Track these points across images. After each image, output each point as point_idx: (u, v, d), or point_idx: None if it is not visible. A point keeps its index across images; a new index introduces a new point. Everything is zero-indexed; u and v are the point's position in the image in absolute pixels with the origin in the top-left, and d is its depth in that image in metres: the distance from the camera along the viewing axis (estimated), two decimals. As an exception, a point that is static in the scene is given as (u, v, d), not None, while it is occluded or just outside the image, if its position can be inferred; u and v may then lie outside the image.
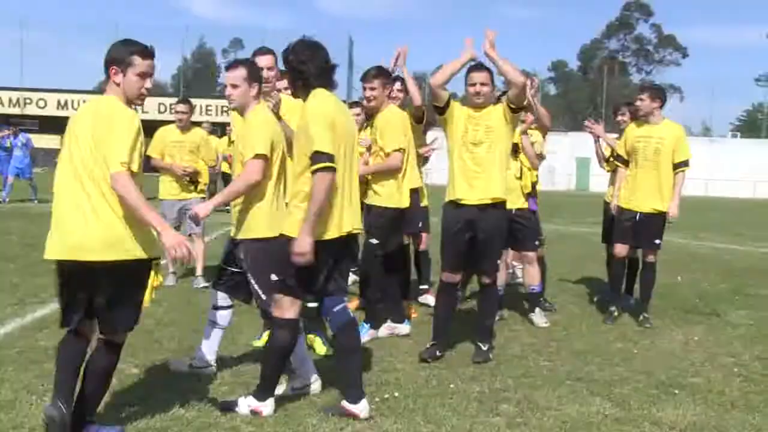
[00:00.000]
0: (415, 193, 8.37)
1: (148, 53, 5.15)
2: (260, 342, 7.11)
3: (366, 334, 7.72)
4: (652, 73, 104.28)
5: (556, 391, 6.37)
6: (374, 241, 7.87)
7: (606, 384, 6.64)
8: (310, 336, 7.26)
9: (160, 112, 55.92)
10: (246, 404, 5.70)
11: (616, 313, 9.31)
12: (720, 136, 73.74)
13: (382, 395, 6.09)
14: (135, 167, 4.76)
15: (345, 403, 5.64)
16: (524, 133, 8.76)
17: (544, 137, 9.55)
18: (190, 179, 10.45)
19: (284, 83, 6.69)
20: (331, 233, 5.55)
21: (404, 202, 7.94)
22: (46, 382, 5.81)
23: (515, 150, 8.68)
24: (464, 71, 7.20)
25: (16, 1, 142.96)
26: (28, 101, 56.95)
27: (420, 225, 9.16)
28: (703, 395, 6.44)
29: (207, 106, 55.11)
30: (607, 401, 6.17)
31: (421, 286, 9.80)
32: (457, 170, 7.19)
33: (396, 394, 6.12)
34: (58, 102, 57.46)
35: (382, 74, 7.93)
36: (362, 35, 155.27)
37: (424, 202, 9.25)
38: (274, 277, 5.69)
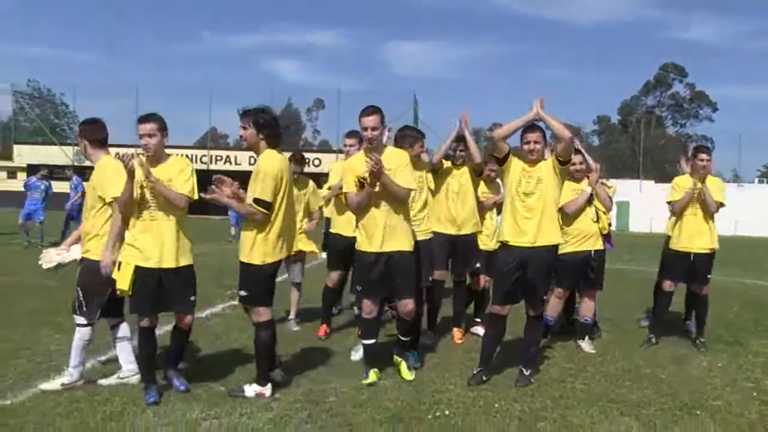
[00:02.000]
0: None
1: (140, 119, 6.41)
2: (368, 380, 7.08)
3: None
4: (686, 126, 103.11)
5: (590, 411, 6.33)
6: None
7: (635, 405, 6.57)
8: (397, 359, 7.38)
9: (250, 164, 56.82)
10: (252, 390, 6.50)
11: (654, 341, 9.30)
12: (748, 182, 72.39)
13: (434, 413, 6.12)
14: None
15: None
16: (596, 181, 8.82)
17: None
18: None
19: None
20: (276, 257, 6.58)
21: None
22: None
23: (591, 197, 8.72)
24: (520, 130, 7.22)
25: (131, 74, 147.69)
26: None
27: (478, 266, 9.17)
28: (722, 416, 6.35)
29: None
30: (635, 421, 6.12)
31: (476, 319, 9.78)
32: (510, 215, 7.21)
33: (447, 412, 6.15)
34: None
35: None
36: (425, 94, 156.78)
37: (492, 245, 9.08)
38: (243, 292, 6.60)
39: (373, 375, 7.12)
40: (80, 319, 6.62)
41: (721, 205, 9.09)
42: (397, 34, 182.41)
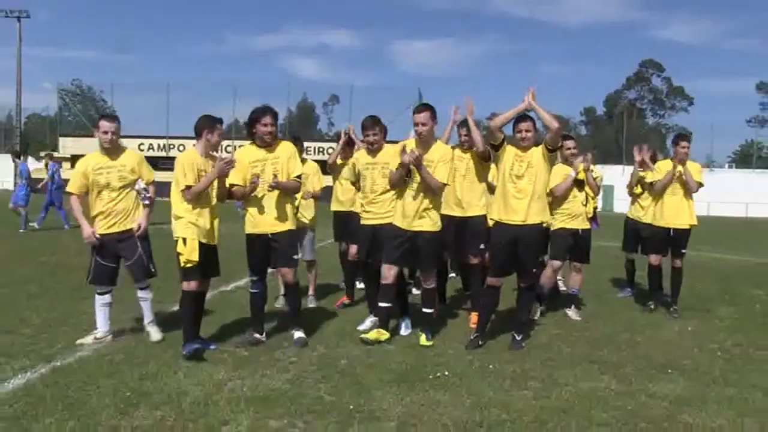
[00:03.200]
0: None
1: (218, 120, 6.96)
2: (370, 336, 7.27)
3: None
4: (664, 116, 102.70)
5: (574, 371, 6.38)
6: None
7: (614, 365, 6.61)
8: (418, 331, 7.43)
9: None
10: (300, 333, 7.15)
11: (652, 306, 9.51)
12: (719, 167, 72.46)
13: (435, 373, 6.16)
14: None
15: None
16: (587, 170, 8.78)
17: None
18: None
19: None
20: None
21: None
22: (180, 359, 6.37)
23: (581, 183, 8.72)
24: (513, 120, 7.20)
25: (163, 72, 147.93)
26: (171, 146, 57.66)
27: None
28: (690, 374, 6.42)
29: (307, 147, 55.78)
30: (613, 379, 6.16)
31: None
32: (503, 196, 7.21)
33: (446, 373, 6.18)
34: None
35: (380, 123, 7.79)
36: (429, 88, 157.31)
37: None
38: (297, 256, 7.15)
39: (380, 334, 7.30)
40: (148, 282, 7.25)
41: (701, 185, 9.23)
42: (404, 34, 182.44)
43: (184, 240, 6.58)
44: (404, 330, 7.78)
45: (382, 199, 7.66)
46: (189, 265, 6.57)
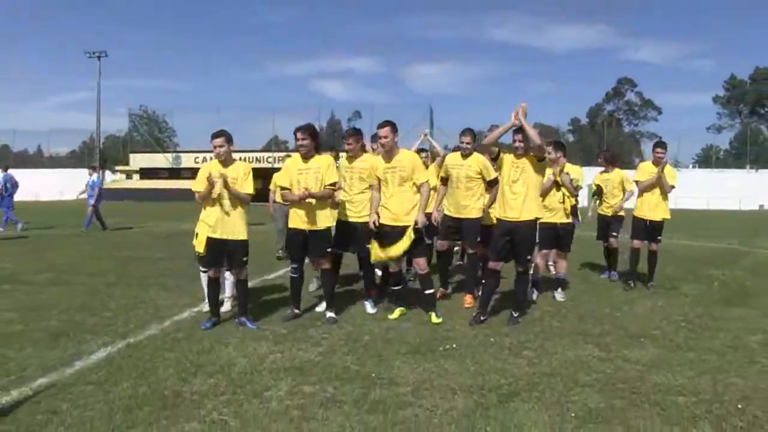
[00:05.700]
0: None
1: (213, 135, 6.96)
2: (393, 316, 7.37)
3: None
4: (638, 125, 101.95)
5: (562, 342, 6.33)
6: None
7: (596, 336, 6.56)
8: (429, 311, 7.35)
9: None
10: (331, 313, 7.22)
11: (632, 284, 9.53)
12: (684, 167, 71.85)
13: (444, 346, 6.14)
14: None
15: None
16: (561, 172, 8.68)
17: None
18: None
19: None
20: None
21: None
22: (230, 336, 6.40)
23: (558, 184, 8.67)
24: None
25: (214, 96, 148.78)
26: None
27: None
28: (659, 341, 6.37)
29: (333, 156, 55.59)
30: (595, 347, 6.11)
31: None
32: (502, 196, 7.20)
33: (454, 345, 6.16)
34: (239, 158, 58.34)
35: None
36: (439, 105, 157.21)
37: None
38: (329, 249, 7.23)
39: (397, 312, 7.43)
40: None
41: (673, 187, 9.37)
42: (415, 59, 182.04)
43: (196, 234, 6.91)
44: (370, 309, 7.74)
45: (359, 199, 7.73)
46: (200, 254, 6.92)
